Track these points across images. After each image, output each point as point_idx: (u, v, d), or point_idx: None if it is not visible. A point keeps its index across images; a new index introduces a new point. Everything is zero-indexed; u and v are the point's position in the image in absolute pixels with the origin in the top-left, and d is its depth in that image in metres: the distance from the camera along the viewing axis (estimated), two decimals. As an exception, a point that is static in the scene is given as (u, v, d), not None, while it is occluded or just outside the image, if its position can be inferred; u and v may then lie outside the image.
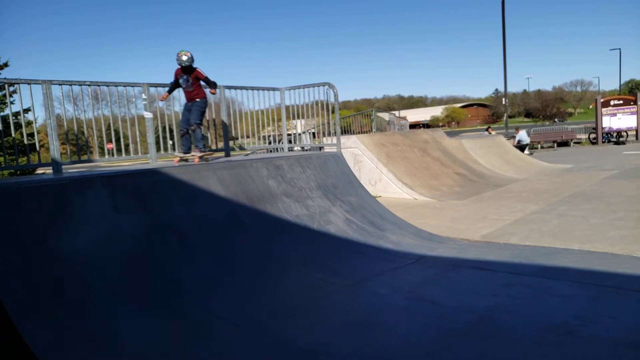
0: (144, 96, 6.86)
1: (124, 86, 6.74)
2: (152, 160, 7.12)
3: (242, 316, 4.44)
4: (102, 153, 7.22)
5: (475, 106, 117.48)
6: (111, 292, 4.31)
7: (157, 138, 7.35)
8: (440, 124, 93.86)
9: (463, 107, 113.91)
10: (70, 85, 6.29)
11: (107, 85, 6.62)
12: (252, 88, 8.29)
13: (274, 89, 8.83)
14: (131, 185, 5.35)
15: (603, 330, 3.90)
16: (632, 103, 28.18)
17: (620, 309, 4.36)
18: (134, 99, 7.01)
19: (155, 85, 7.12)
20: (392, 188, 12.55)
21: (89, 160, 6.75)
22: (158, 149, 7.36)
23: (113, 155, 6.99)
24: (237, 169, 6.47)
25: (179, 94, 7.73)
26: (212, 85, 7.09)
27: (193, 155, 7.06)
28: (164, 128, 7.59)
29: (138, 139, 7.19)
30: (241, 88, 8.14)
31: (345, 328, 4.32)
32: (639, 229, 7.45)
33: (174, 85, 7.16)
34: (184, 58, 6.75)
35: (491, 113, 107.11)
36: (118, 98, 6.75)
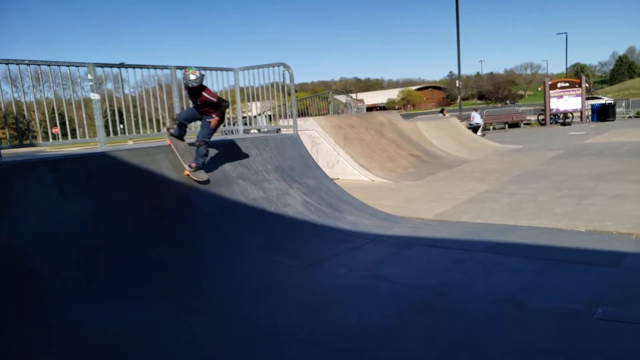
0: (89, 77, 6.52)
1: (68, 66, 6.35)
2: (100, 144, 6.84)
3: (201, 300, 4.39)
4: (46, 137, 6.81)
5: (430, 89, 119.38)
6: (62, 280, 4.15)
7: (107, 122, 7.05)
8: (397, 106, 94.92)
9: (419, 89, 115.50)
10: (6, 64, 5.88)
11: (49, 65, 6.22)
12: (205, 68, 8.03)
13: (227, 70, 8.63)
14: (78, 169, 5.13)
15: (548, 301, 4.09)
16: (577, 86, 29.39)
17: (563, 280, 4.58)
18: (79, 80, 6.65)
19: (102, 65, 6.77)
20: (350, 170, 12.64)
21: (32, 145, 6.40)
22: (108, 133, 7.06)
23: (58, 139, 6.66)
24: (190, 152, 6.32)
25: (132, 74, 7.43)
26: (223, 110, 6.00)
27: (187, 168, 6.14)
28: (113, 111, 7.29)
29: (85, 123, 6.85)
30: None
31: (304, 308, 4.35)
32: (581, 206, 7.83)
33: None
34: (192, 77, 5.64)
35: (446, 95, 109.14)
36: (62, 79, 6.38)
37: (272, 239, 5.91)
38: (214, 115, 6.01)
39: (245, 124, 9.58)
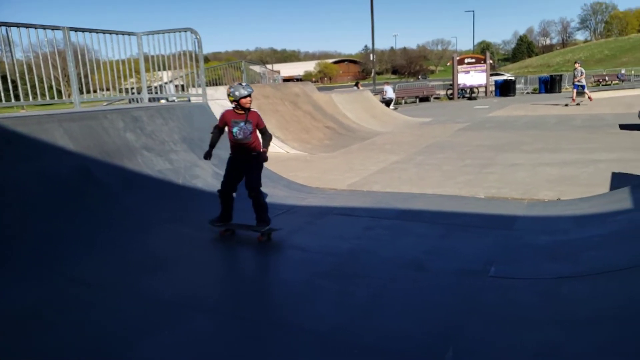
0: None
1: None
2: (-18, 112, 6.15)
3: (101, 276, 4.12)
4: None
5: (346, 62, 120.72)
6: None
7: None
8: (313, 79, 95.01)
9: (335, 62, 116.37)
10: None
11: None
12: (103, 31, 7.43)
13: (129, 34, 8.03)
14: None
15: (449, 262, 4.32)
16: (482, 62, 31.09)
17: (463, 243, 4.86)
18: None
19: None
20: (273, 142, 12.45)
21: None
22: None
23: None
24: (88, 121, 5.85)
25: (17, 34, 6.63)
26: (267, 139, 5.10)
27: (257, 230, 5.07)
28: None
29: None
30: (90, 31, 7.21)
31: (212, 280, 4.25)
32: (482, 174, 8.34)
33: (218, 135, 5.14)
34: (244, 84, 4.85)
35: (361, 69, 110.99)
36: None
37: (180, 211, 5.69)
38: (258, 151, 5.01)
39: (151, 92, 9.06)
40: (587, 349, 2.68)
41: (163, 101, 10.15)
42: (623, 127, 12.94)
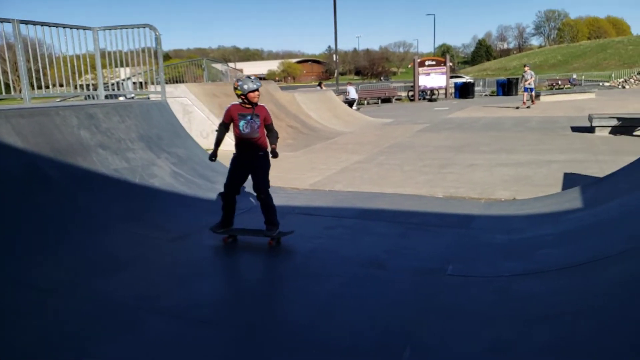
0: None
1: None
2: None
3: (52, 280, 3.94)
4: None
5: (309, 62, 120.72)
6: None
7: None
8: (277, 78, 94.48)
9: (298, 62, 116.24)
10: None
11: None
12: (57, 25, 7.11)
13: (85, 28, 7.73)
14: None
15: (407, 261, 4.37)
16: (442, 64, 31.75)
17: (421, 242, 4.94)
18: None
19: None
20: (226, 140, 12.26)
21: None
22: None
23: None
24: (38, 117, 5.58)
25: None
26: (274, 136, 4.88)
27: (267, 235, 4.82)
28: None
29: None
30: (42, 24, 6.87)
31: (168, 281, 4.14)
32: (440, 174, 8.49)
33: (224, 132, 5.00)
34: (253, 79, 4.65)
35: (325, 70, 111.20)
36: None
37: (136, 211, 5.51)
38: (265, 150, 4.81)
39: (107, 89, 8.77)
40: (541, 344, 2.75)
41: (122, 98, 9.85)
42: (574, 129, 13.47)
